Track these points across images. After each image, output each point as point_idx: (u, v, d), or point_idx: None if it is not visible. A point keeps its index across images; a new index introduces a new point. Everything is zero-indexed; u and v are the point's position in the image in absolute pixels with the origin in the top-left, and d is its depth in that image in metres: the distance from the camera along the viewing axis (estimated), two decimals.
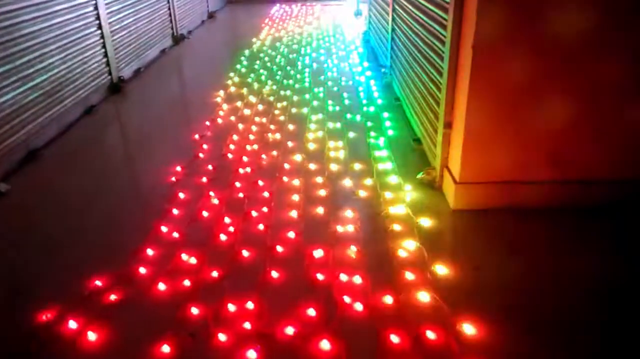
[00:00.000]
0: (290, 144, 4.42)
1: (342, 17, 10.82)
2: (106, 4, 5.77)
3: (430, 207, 3.37)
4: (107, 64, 5.83)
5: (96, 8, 5.52)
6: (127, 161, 4.35)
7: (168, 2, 8.13)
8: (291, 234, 3.09)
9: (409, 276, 2.69)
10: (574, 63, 2.91)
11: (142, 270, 2.80)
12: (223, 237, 3.08)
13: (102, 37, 5.70)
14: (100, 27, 5.64)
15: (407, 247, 2.94)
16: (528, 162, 3.17)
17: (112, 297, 2.61)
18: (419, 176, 3.65)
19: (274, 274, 2.75)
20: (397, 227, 3.14)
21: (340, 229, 3.14)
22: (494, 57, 2.88)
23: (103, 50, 5.74)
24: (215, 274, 2.75)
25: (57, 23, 4.75)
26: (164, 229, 3.18)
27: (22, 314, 2.51)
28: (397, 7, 5.36)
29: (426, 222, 3.19)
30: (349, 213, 3.31)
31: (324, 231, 3.14)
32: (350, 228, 3.15)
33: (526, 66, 2.90)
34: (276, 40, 8.62)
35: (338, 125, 4.83)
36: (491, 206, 3.26)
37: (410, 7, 4.52)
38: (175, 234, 3.13)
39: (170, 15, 8.23)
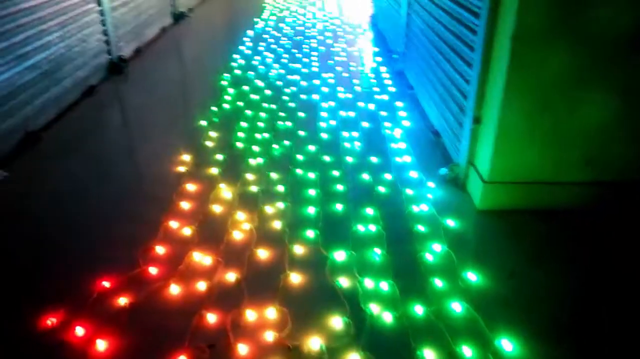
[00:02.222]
0: (302, 133, 4.21)
1: None
2: None
3: (455, 206, 3.20)
4: (107, 42, 5.55)
5: None
6: (130, 148, 4.12)
7: None
8: (310, 234, 2.91)
9: (439, 283, 2.52)
10: (618, 59, 2.72)
11: (153, 270, 2.61)
12: (238, 235, 2.90)
13: (102, 13, 5.40)
14: (99, 2, 5.34)
15: (435, 251, 2.77)
16: (561, 161, 3.00)
17: (122, 301, 2.42)
18: (442, 172, 3.46)
19: (295, 277, 2.57)
20: (421, 227, 2.97)
21: (361, 228, 2.96)
22: (535, 49, 2.68)
23: (103, 27, 5.44)
24: (231, 276, 2.57)
25: None
26: (173, 224, 2.98)
27: (24, 317, 2.32)
28: None
29: (452, 222, 3.01)
30: (369, 211, 3.13)
31: (344, 230, 2.96)
32: (372, 228, 2.97)
33: (568, 60, 2.71)
34: (280, 21, 8.32)
35: (351, 114, 4.62)
36: (520, 207, 3.10)
37: None
38: (187, 231, 2.93)
39: None
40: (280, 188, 3.39)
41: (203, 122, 4.38)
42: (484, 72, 2.99)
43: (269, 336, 2.21)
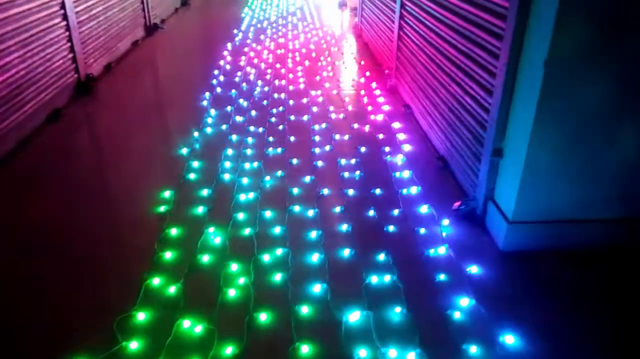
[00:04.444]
0: (295, 161, 3.82)
1: (326, 8, 10.18)
2: None
3: (475, 248, 2.86)
4: (74, 60, 5.06)
5: None
6: (101, 183, 3.64)
7: None
8: (316, 289, 2.52)
9: (474, 350, 2.17)
10: None
11: (134, 346, 2.17)
12: (232, 293, 2.48)
13: (68, 29, 4.92)
14: (65, 17, 4.86)
15: (462, 306, 2.41)
16: (595, 197, 2.70)
17: None
18: (456, 207, 3.12)
19: (304, 349, 2.18)
20: (443, 275, 2.62)
21: (375, 280, 2.59)
22: (571, 76, 2.36)
23: (69, 44, 4.96)
24: (229, 351, 2.16)
25: (15, 14, 3.97)
26: (155, 282, 2.55)
27: None
28: (407, 2, 4.78)
29: (475, 269, 2.67)
30: (382, 257, 2.75)
31: (355, 283, 2.58)
32: (386, 278, 2.60)
33: (608, 88, 2.40)
34: (260, 32, 7.93)
35: (346, 137, 4.25)
36: (548, 248, 2.78)
37: (432, 5, 3.95)
38: (171, 290, 2.51)
39: (142, 2, 7.42)
40: (277, 229, 2.99)
41: (184, 150, 3.95)
42: (506, 100, 2.66)
43: None
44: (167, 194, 3.33)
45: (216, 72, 5.87)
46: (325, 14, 9.63)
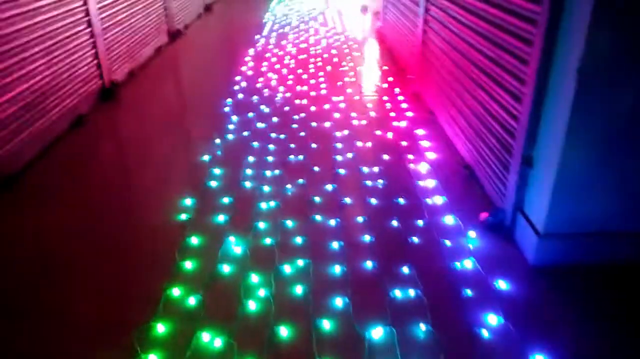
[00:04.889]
0: (316, 168, 3.76)
1: (348, 13, 10.12)
2: None
3: (503, 261, 2.75)
4: (99, 66, 5.10)
5: (85, 3, 4.78)
6: (123, 190, 3.63)
7: None
8: (338, 303, 2.45)
9: None
10: None
11: None
12: (253, 305, 2.43)
13: (93, 35, 4.97)
14: (90, 24, 4.91)
15: (490, 324, 2.31)
16: (631, 209, 2.56)
17: None
18: (483, 218, 3.02)
19: None
20: (469, 290, 2.52)
21: (399, 294, 2.50)
22: (606, 83, 2.25)
23: (94, 50, 5.00)
24: None
25: (40, 22, 4.02)
26: (176, 293, 2.51)
27: None
28: (431, 7, 4.69)
29: (504, 284, 2.56)
30: (405, 269, 2.67)
31: (379, 297, 2.50)
32: (411, 293, 2.51)
33: None
34: (282, 37, 7.91)
35: (368, 144, 4.18)
36: (580, 262, 2.66)
37: (456, 9, 3.86)
38: (191, 302, 2.47)
39: (166, 8, 7.47)
40: (298, 239, 2.93)
41: (205, 157, 3.93)
42: (537, 108, 2.55)
43: None
44: (188, 201, 3.31)
45: (238, 77, 5.86)
46: (347, 18, 9.56)
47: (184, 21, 8.45)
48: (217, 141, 4.22)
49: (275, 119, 4.69)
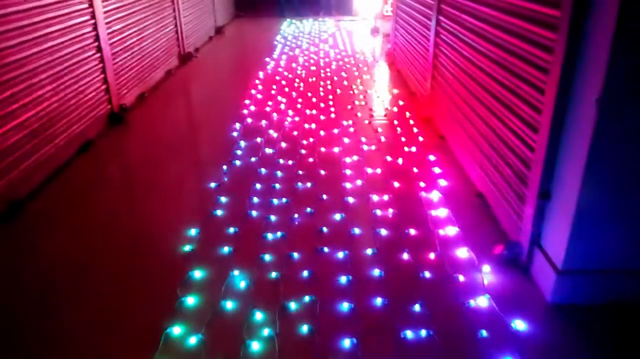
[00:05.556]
0: (325, 196, 3.66)
1: (358, 35, 10.13)
2: (107, 23, 5.05)
3: (520, 299, 2.62)
4: (107, 91, 5.10)
5: (95, 29, 4.79)
6: (125, 219, 3.54)
7: (175, 17, 7.43)
8: (346, 344, 2.32)
9: None
10: None
11: None
12: (256, 347, 2.31)
13: (102, 60, 4.97)
14: (99, 49, 4.91)
15: None
16: None
17: None
18: (498, 252, 2.89)
19: None
20: (484, 330, 2.38)
21: (410, 335, 2.37)
22: (626, 115, 2.14)
23: (102, 76, 5.00)
24: None
25: (48, 48, 4.01)
26: (176, 331, 2.41)
27: None
28: (442, 31, 4.64)
29: (521, 324, 2.42)
30: (417, 307, 2.54)
31: (389, 338, 2.37)
32: (423, 334, 2.38)
33: None
34: (292, 60, 7.91)
35: (378, 171, 4.08)
36: (601, 301, 2.51)
37: (468, 34, 3.79)
38: (192, 341, 2.36)
39: (177, 32, 7.52)
40: (304, 273, 2.82)
41: (212, 184, 3.85)
42: (555, 138, 2.44)
43: None
44: (192, 231, 3.22)
45: (247, 101, 5.82)
46: (357, 40, 9.57)
47: (195, 44, 8.50)
48: (225, 167, 4.15)
49: (283, 144, 4.62)
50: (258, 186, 3.83)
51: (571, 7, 2.20)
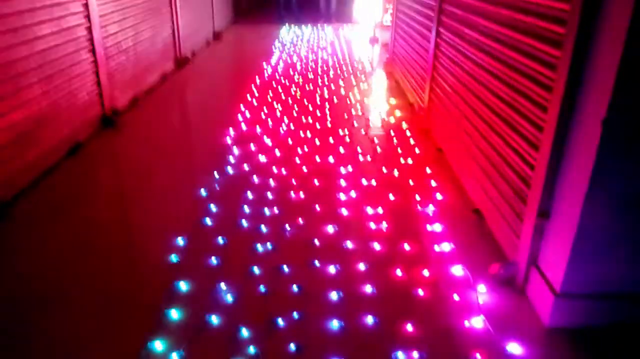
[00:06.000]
0: (318, 207, 3.58)
1: (357, 43, 10.09)
2: (102, 26, 4.96)
3: (516, 321, 2.53)
4: (100, 94, 5.00)
5: (90, 31, 4.70)
6: (114, 226, 3.42)
7: (172, 20, 7.35)
8: None
9: None
10: None
11: None
12: None
13: (96, 63, 4.88)
14: (93, 52, 4.82)
15: None
16: None
17: None
18: (494, 272, 2.80)
19: None
20: (478, 354, 2.29)
21: (401, 356, 2.28)
22: (633, 138, 2.06)
23: (95, 78, 4.91)
24: None
25: (40, 51, 3.92)
26: (157, 348, 2.30)
27: None
28: (442, 42, 4.58)
29: (517, 349, 2.33)
30: (409, 327, 2.45)
31: (379, 357, 2.28)
32: (415, 356, 2.29)
33: None
34: (289, 67, 7.85)
35: (373, 182, 3.99)
36: (601, 324, 2.43)
37: (468, 47, 3.73)
38: (174, 357, 2.25)
39: (174, 35, 7.45)
40: (294, 288, 2.72)
41: (203, 192, 3.76)
42: (556, 157, 2.37)
43: None
44: (179, 240, 3.12)
45: (242, 107, 5.74)
46: (356, 49, 9.52)
47: (192, 49, 8.42)
48: (216, 174, 4.06)
49: (277, 152, 4.54)
50: (250, 194, 3.74)
51: (578, 23, 2.13)
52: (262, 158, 4.40)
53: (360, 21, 12.34)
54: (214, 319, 2.48)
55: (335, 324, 2.46)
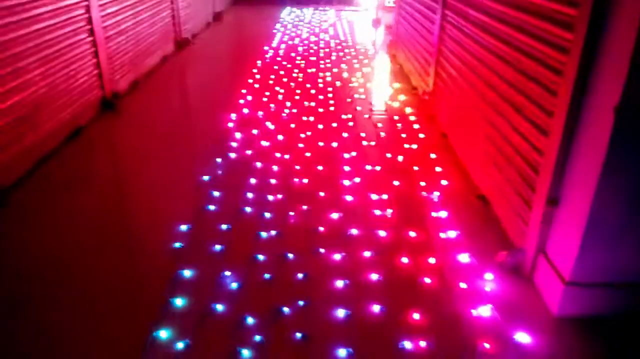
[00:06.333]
0: (322, 194, 3.53)
1: (359, 26, 9.93)
2: (100, 5, 4.85)
3: (523, 309, 2.50)
4: (99, 76, 4.92)
5: (88, 11, 4.61)
6: (115, 213, 3.39)
7: (172, 1, 7.21)
8: (341, 354, 2.21)
9: None
10: None
11: None
12: (246, 353, 2.19)
13: (95, 44, 4.79)
14: (92, 32, 4.73)
15: None
16: None
17: None
18: (501, 259, 2.77)
19: None
20: (486, 343, 2.27)
21: (408, 345, 2.26)
22: None
23: (95, 60, 4.82)
24: None
25: (37, 30, 3.83)
26: (162, 337, 2.28)
27: None
28: (448, 25, 4.48)
29: (525, 337, 2.31)
30: (415, 316, 2.43)
31: (385, 348, 2.26)
32: (422, 344, 2.27)
33: None
34: (291, 49, 7.73)
35: (377, 168, 3.95)
36: (614, 315, 2.41)
37: (476, 30, 3.64)
38: (179, 346, 2.23)
39: (173, 16, 7.32)
40: (299, 275, 2.70)
41: (205, 177, 3.71)
42: (566, 144, 2.32)
43: None
44: (183, 227, 3.09)
45: (244, 90, 5.66)
46: (358, 31, 9.38)
47: (192, 30, 8.29)
48: (219, 159, 4.00)
49: (280, 137, 4.48)
50: (253, 180, 3.69)
51: (591, 6, 2.05)
52: (265, 143, 4.35)
53: (363, 3, 12.14)
54: (219, 307, 2.45)
55: (341, 312, 2.44)
